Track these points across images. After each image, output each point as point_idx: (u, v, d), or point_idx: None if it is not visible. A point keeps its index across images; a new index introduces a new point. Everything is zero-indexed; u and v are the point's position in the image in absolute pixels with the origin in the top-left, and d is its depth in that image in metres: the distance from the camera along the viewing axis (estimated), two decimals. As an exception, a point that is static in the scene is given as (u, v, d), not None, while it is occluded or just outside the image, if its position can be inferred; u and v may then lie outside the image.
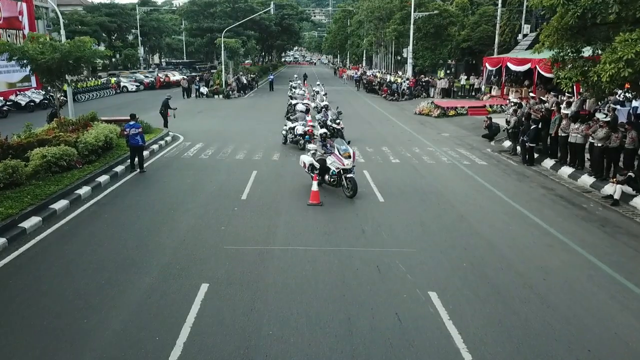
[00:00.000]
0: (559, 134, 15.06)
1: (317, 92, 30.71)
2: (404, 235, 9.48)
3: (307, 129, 18.10)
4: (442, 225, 10.09)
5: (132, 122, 14.06)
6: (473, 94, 35.15)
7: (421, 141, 19.83)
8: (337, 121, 19.16)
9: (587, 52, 14.06)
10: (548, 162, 15.68)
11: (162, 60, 77.23)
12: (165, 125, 21.27)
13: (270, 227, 9.85)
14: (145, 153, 16.02)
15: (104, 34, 57.62)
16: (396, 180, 13.72)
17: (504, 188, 12.99)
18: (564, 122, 14.92)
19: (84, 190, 11.76)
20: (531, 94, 20.44)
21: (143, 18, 61.14)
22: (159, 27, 67.26)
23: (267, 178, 13.77)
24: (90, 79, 43.83)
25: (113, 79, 44.28)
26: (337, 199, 11.78)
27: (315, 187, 11.44)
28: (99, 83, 41.28)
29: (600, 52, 13.22)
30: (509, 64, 28.42)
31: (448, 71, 43.74)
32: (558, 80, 14.01)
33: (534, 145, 15.87)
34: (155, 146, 17.57)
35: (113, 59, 63.39)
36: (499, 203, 11.75)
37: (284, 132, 18.71)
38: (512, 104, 19.11)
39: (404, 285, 7.44)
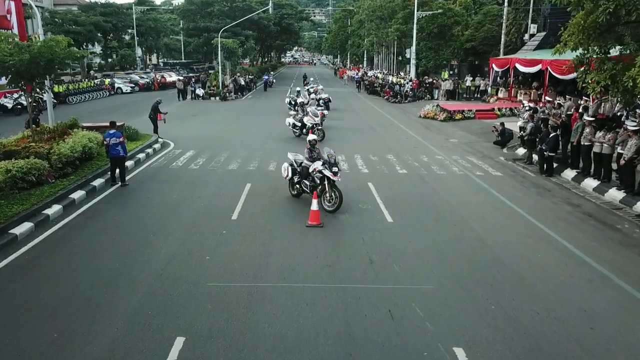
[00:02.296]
0: (582, 143, 13.76)
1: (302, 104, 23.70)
2: (419, 267, 8.14)
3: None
4: (461, 252, 8.75)
5: (112, 131, 12.63)
6: (478, 95, 33.83)
7: (428, 148, 18.49)
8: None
9: (613, 52, 12.75)
10: (569, 173, 14.36)
11: (160, 60, 75.77)
12: (155, 131, 19.89)
13: (262, 256, 8.52)
14: (130, 163, 14.73)
15: (99, 34, 56.13)
16: (405, 194, 12.39)
17: (524, 204, 11.67)
18: (587, 129, 13.61)
19: (53, 209, 10.38)
20: (547, 98, 19.08)
21: (140, 18, 59.64)
22: (156, 27, 65.69)
23: (261, 192, 12.43)
24: (84, 80, 42.51)
25: (107, 80, 42.88)
26: (339, 219, 10.44)
27: (315, 206, 10.09)
28: (92, 84, 39.97)
29: (629, 52, 11.92)
30: (517, 65, 27.05)
31: (451, 72, 42.40)
32: (584, 85, 12.71)
33: (554, 154, 14.55)
34: (141, 155, 16.18)
35: (109, 60, 62.02)
36: (522, 223, 10.41)
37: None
38: (527, 108, 17.73)
39: (422, 337, 6.10)
